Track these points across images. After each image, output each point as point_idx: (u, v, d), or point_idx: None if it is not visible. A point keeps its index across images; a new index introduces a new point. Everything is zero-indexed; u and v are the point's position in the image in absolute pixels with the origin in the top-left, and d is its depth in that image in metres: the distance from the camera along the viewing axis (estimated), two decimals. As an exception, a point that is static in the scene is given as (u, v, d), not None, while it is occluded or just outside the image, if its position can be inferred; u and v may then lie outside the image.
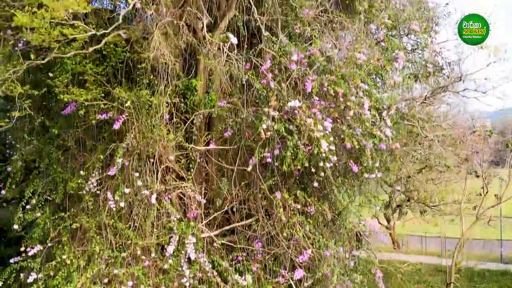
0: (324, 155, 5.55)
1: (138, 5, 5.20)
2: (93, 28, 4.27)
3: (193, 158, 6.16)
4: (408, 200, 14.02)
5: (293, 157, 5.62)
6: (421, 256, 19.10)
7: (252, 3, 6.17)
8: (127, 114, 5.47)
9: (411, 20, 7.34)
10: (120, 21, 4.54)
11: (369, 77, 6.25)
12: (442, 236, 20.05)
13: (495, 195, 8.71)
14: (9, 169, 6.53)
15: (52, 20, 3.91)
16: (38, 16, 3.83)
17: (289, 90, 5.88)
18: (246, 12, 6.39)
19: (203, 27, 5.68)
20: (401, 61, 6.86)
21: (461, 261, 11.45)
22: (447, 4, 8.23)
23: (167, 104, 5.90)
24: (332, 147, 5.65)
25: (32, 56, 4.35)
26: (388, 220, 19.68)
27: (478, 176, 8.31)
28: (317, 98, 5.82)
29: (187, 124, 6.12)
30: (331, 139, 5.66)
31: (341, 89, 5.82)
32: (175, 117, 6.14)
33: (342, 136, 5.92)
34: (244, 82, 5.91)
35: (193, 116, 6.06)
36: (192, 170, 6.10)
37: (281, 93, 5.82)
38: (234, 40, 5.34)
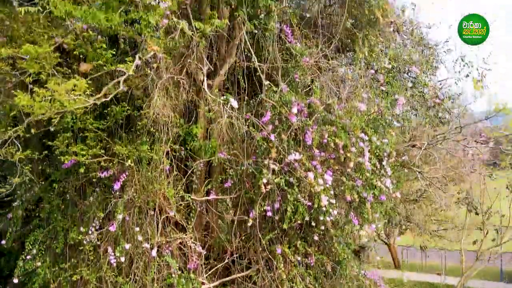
0: (324, 209, 5.57)
1: (139, 62, 5.20)
2: (94, 100, 4.27)
3: (193, 207, 6.17)
4: (402, 224, 13.96)
5: (294, 210, 5.63)
6: (421, 274, 19.05)
7: (252, 52, 6.19)
8: (127, 174, 5.46)
9: (412, 63, 7.34)
10: (121, 87, 4.55)
11: (369, 126, 6.25)
12: (442, 249, 20.03)
13: (495, 229, 8.73)
14: (9, 216, 6.53)
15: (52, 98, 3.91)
16: (39, 94, 3.83)
17: (290, 141, 5.89)
18: (247, 59, 6.40)
19: (203, 80, 5.67)
20: (401, 103, 6.88)
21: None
22: (447, 41, 8.22)
23: (167, 154, 5.90)
24: (333, 201, 5.66)
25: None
26: (388, 236, 19.66)
27: (477, 214, 8.33)
28: (317, 150, 5.83)
29: (187, 175, 6.11)
30: (332, 192, 5.67)
31: (342, 141, 5.83)
32: (175, 166, 6.15)
33: (342, 187, 5.93)
34: (244, 132, 5.92)
35: (194, 167, 6.06)
36: (192, 219, 6.11)
37: (281, 145, 5.84)
38: (234, 103, 5.34)
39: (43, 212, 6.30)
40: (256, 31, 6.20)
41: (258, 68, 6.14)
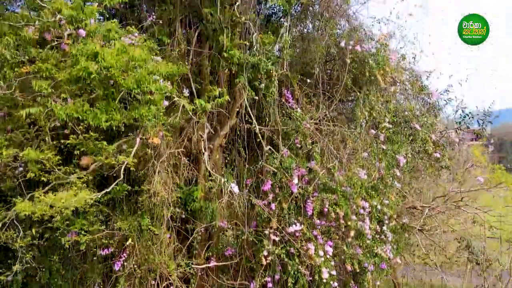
0: (325, 281, 5.59)
1: (138, 140, 5.19)
2: (94, 190, 4.28)
3: (193, 272, 6.16)
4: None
5: (294, 281, 5.65)
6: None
7: (252, 116, 6.20)
8: (128, 252, 5.47)
9: (412, 117, 7.33)
10: (122, 177, 4.56)
11: (369, 189, 6.25)
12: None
13: (495, 276, 8.77)
14: (9, 278, 6.50)
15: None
16: (41, 201, 3.84)
17: (291, 208, 5.90)
18: (247, 121, 6.40)
19: (204, 152, 5.67)
20: (402, 162, 6.87)
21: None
22: (447, 91, 8.19)
23: (167, 224, 5.90)
24: (333, 272, 5.67)
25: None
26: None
27: (478, 264, 8.38)
28: (318, 220, 5.84)
29: (189, 241, 6.11)
30: (332, 263, 5.68)
31: (342, 210, 5.84)
32: (175, 231, 6.15)
33: (343, 256, 5.94)
34: (245, 200, 5.92)
35: (194, 234, 6.07)
36: (193, 284, 6.11)
37: (282, 213, 5.85)
38: (235, 189, 5.34)
39: (43, 277, 6.29)
40: (257, 97, 6.21)
41: (259, 134, 6.16)
